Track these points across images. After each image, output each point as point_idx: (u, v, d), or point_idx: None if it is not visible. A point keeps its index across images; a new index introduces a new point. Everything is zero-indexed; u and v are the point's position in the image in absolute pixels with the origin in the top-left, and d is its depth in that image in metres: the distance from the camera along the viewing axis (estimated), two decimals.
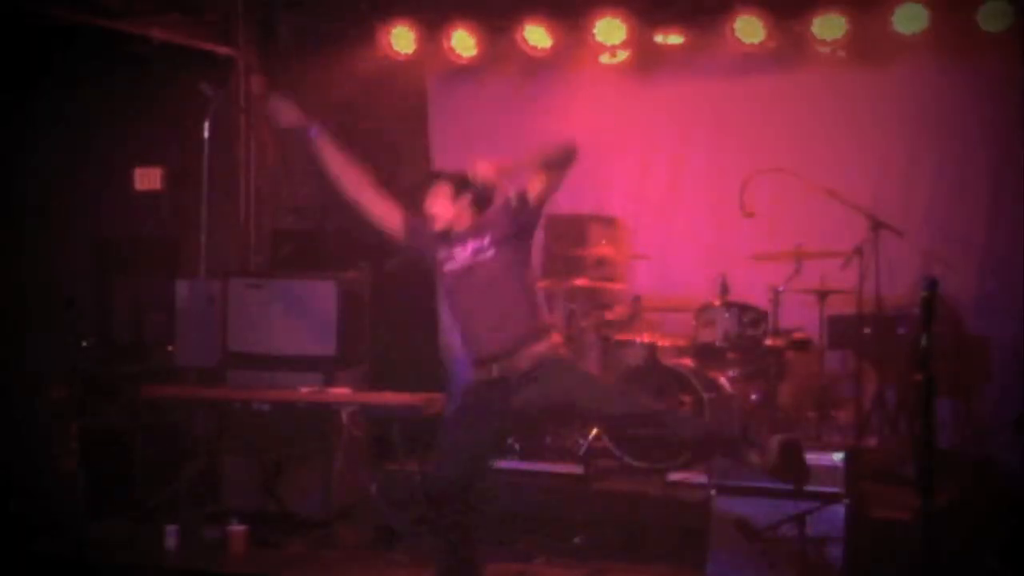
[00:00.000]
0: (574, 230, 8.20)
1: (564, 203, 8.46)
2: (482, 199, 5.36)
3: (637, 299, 7.98)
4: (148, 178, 9.10)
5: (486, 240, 5.27)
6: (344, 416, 6.98)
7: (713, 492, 6.27)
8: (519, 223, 5.29)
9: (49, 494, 7.04)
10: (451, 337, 8.73)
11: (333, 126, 9.03)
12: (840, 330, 7.48)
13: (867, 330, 7.32)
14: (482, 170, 5.19)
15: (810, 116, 8.05)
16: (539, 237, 8.35)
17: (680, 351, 7.55)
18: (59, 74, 8.49)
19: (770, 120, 8.14)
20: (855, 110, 7.97)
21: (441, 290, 5.77)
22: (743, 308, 7.45)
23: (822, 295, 7.31)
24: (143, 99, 8.59)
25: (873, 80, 7.87)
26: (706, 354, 7.49)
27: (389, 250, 8.70)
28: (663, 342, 7.51)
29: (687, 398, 7.11)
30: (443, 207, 5.38)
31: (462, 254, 5.29)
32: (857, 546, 5.97)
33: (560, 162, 5.27)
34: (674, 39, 8.15)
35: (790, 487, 5.70)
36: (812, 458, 6.15)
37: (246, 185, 8.77)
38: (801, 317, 7.54)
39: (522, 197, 5.24)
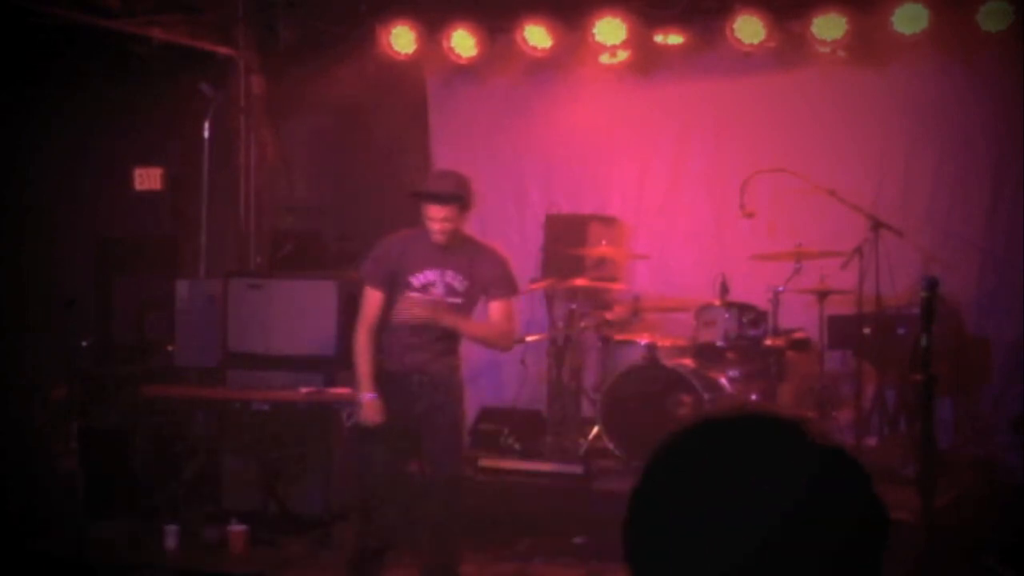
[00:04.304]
0: (574, 230, 8.20)
1: (564, 203, 8.48)
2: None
3: (637, 299, 7.97)
4: (148, 178, 9.11)
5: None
6: (344, 416, 6.98)
7: None
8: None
9: (49, 494, 7.04)
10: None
11: (333, 126, 9.11)
12: (840, 330, 7.48)
13: (867, 330, 7.32)
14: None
15: (810, 116, 8.05)
16: (539, 237, 8.39)
17: (680, 351, 7.55)
18: (59, 74, 8.49)
19: (770, 120, 8.14)
20: (855, 110, 7.97)
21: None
22: (743, 308, 7.45)
23: (822, 295, 7.30)
24: (143, 99, 8.60)
25: (873, 80, 7.87)
26: (706, 354, 7.49)
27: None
28: (663, 342, 7.51)
29: (687, 398, 7.11)
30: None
31: None
32: None
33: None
34: (674, 39, 8.15)
35: None
36: None
37: (246, 185, 8.77)
38: (801, 317, 7.54)
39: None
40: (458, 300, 5.74)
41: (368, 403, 5.67)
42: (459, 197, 5.69)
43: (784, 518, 1.42)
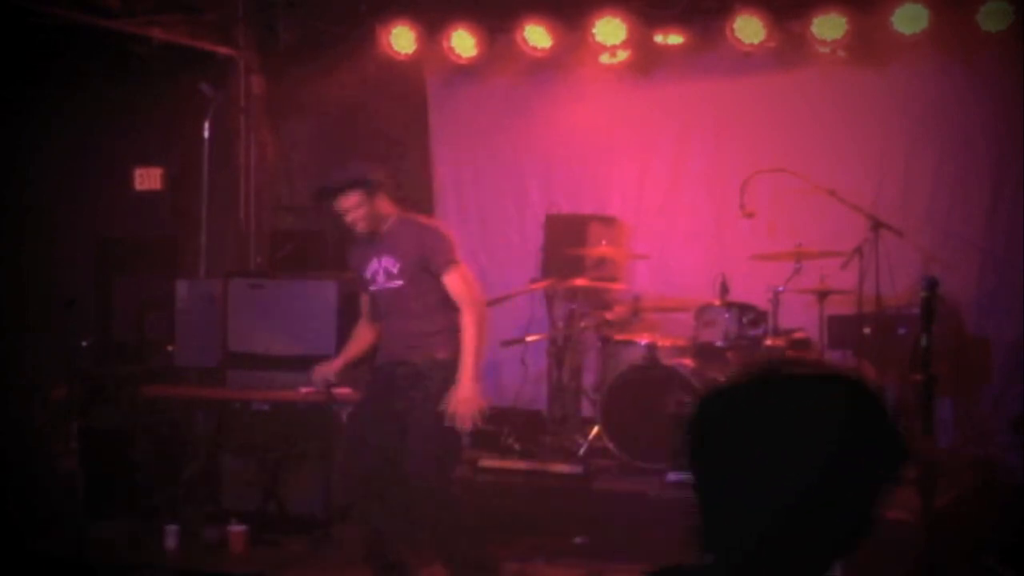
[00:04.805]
0: (574, 230, 8.20)
1: (564, 203, 8.48)
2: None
3: (637, 299, 7.97)
4: (148, 178, 9.11)
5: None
6: (344, 416, 6.98)
7: None
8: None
9: (49, 494, 7.04)
10: None
11: (333, 126, 9.10)
12: (840, 330, 7.48)
13: (867, 330, 7.32)
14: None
15: (810, 116, 8.05)
16: (539, 237, 8.39)
17: (680, 351, 7.55)
18: (59, 74, 8.49)
19: (770, 120, 8.14)
20: (855, 110, 7.97)
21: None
22: (743, 308, 7.44)
23: (822, 295, 7.30)
24: (143, 99, 8.59)
25: (873, 80, 7.87)
26: (706, 354, 7.48)
27: None
28: (663, 342, 7.51)
29: (687, 398, 7.11)
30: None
31: None
32: None
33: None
34: (674, 39, 8.15)
35: None
36: None
37: (246, 185, 8.77)
38: (801, 317, 7.54)
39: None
40: (399, 283, 5.72)
41: (320, 368, 6.08)
42: (352, 182, 5.63)
43: (815, 456, 1.62)
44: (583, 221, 8.28)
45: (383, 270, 5.75)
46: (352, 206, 5.63)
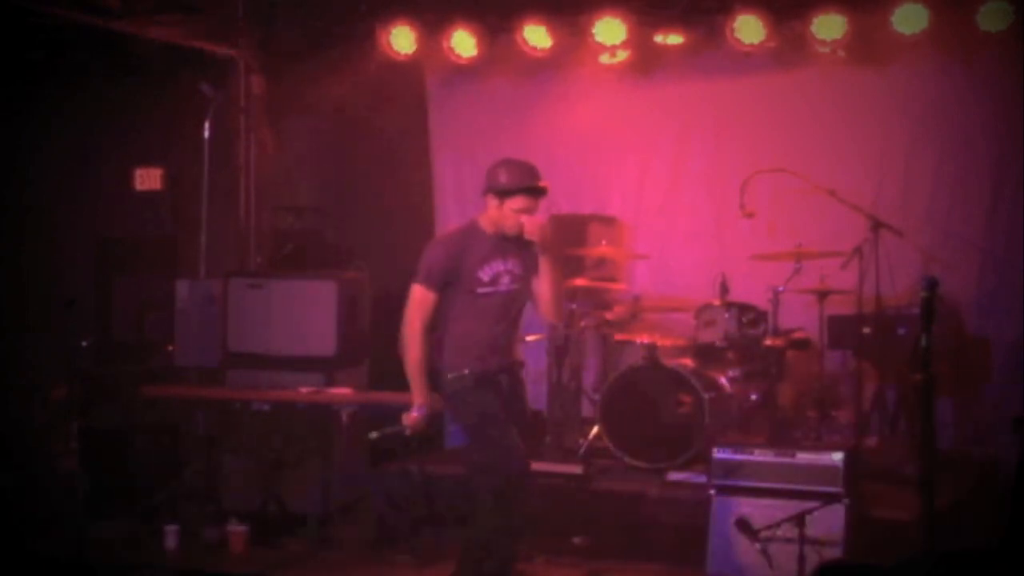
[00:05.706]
0: (574, 230, 8.20)
1: (564, 203, 8.48)
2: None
3: (637, 299, 7.98)
4: (148, 178, 9.11)
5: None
6: (344, 416, 6.99)
7: (713, 492, 6.28)
8: None
9: (49, 494, 7.05)
10: None
11: (333, 126, 9.10)
12: (840, 330, 7.48)
13: (867, 330, 7.32)
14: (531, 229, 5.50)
15: (810, 116, 8.05)
16: None
17: (680, 351, 7.56)
18: (59, 74, 8.49)
19: (770, 120, 8.15)
20: (855, 110, 7.97)
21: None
22: (743, 308, 7.45)
23: (822, 295, 7.31)
24: (143, 99, 8.60)
25: (873, 80, 7.87)
26: (706, 354, 7.49)
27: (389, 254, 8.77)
28: (663, 342, 7.51)
29: (687, 398, 7.11)
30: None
31: None
32: (857, 546, 5.97)
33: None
34: (674, 39, 8.15)
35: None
36: (812, 458, 6.18)
37: (246, 185, 8.77)
38: (801, 317, 7.54)
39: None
40: (520, 285, 5.65)
41: (421, 416, 5.48)
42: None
43: None
44: (583, 221, 8.28)
45: (508, 273, 5.59)
46: (536, 207, 5.57)
